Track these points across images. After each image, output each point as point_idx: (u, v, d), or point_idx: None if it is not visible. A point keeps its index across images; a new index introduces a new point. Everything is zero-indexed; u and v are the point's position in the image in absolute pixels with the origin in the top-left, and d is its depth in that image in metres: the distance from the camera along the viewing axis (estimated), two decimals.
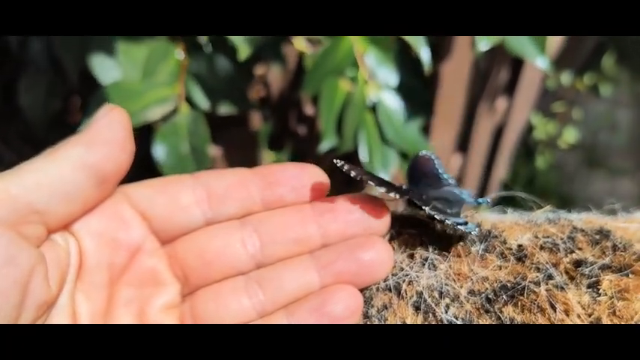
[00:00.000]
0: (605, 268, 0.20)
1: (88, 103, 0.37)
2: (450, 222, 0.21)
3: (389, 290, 0.21)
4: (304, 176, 0.21)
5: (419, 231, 0.22)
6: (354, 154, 0.42)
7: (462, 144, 0.70)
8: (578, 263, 0.20)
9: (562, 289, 0.19)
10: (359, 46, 0.40)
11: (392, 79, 0.42)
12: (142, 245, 0.20)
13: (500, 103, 0.69)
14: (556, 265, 0.20)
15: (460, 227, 0.21)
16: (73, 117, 0.58)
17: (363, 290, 0.21)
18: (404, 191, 0.22)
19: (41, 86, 0.48)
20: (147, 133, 0.40)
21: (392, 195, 0.21)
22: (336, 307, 0.19)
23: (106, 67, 0.38)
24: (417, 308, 0.20)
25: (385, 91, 0.43)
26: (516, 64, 0.65)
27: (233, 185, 0.21)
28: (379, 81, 0.42)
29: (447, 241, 0.22)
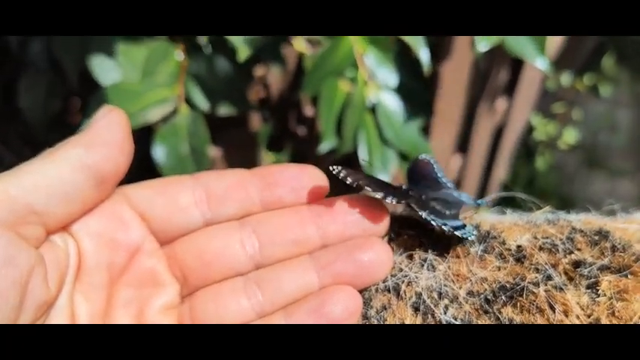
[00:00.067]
0: (604, 268, 0.20)
1: (88, 104, 0.37)
2: (447, 228, 0.21)
3: (388, 291, 0.21)
4: (303, 177, 0.21)
5: (418, 232, 0.22)
6: (354, 155, 0.42)
7: (462, 144, 0.70)
8: (577, 264, 0.20)
9: (561, 289, 0.19)
10: (358, 46, 0.40)
11: (391, 79, 0.42)
12: (141, 246, 0.20)
13: (500, 104, 0.69)
14: (555, 265, 0.20)
15: (457, 232, 0.21)
16: (73, 118, 0.58)
17: (362, 291, 0.21)
18: (402, 194, 0.22)
19: (41, 87, 0.48)
20: (146, 134, 0.40)
21: (389, 201, 0.21)
22: (335, 308, 0.19)
23: (106, 68, 0.38)
24: (416, 309, 0.20)
25: (385, 92, 0.43)
26: (516, 65, 0.64)
27: (232, 186, 0.21)
28: (379, 82, 0.42)
29: (446, 242, 0.22)
